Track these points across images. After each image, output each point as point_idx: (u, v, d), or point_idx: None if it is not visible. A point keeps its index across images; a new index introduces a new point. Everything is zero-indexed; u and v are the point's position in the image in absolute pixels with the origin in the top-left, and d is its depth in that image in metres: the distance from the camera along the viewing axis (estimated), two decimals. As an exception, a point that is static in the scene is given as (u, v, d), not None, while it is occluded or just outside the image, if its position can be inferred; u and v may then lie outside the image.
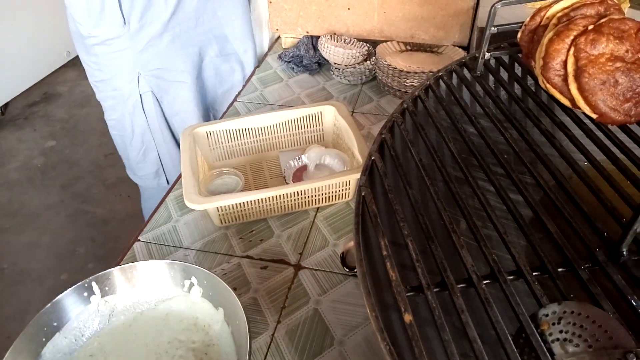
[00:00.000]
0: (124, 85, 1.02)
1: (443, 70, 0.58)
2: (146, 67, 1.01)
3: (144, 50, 0.98)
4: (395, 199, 0.41)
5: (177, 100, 1.08)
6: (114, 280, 0.58)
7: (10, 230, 1.99)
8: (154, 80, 1.03)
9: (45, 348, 0.53)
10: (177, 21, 0.99)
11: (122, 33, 0.95)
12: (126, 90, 1.03)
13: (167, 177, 1.17)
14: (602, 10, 0.46)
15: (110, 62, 1.00)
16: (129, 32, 0.95)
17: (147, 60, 1.00)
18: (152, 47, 0.99)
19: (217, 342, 0.55)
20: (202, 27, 1.05)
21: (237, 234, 0.75)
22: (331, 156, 0.82)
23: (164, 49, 1.00)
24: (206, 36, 1.07)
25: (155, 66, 1.02)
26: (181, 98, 1.08)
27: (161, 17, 0.96)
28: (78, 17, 0.95)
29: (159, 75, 1.03)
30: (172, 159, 1.14)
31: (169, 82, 1.05)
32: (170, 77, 1.05)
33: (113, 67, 1.01)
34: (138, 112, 1.06)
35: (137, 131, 1.09)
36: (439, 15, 1.09)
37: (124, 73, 1.01)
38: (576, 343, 0.30)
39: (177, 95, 1.07)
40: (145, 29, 0.96)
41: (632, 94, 0.43)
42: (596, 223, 0.37)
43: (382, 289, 0.36)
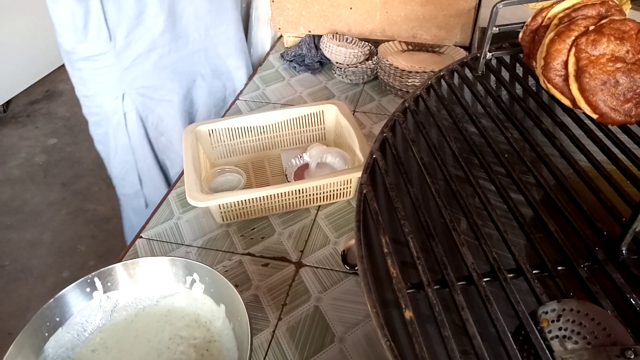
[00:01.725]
0: (107, 102, 0.98)
1: (444, 70, 0.58)
2: (132, 85, 0.97)
3: (130, 67, 0.94)
4: (397, 197, 0.41)
5: (164, 120, 1.04)
6: (117, 276, 0.58)
7: (12, 228, 2.00)
8: (140, 98, 0.99)
9: (48, 343, 0.53)
10: (167, 39, 0.95)
11: (107, 49, 0.91)
12: (110, 108, 0.99)
13: (146, 200, 1.12)
14: (603, 11, 0.46)
15: (94, 79, 0.96)
16: (114, 49, 0.91)
17: (133, 78, 0.96)
18: (139, 64, 0.95)
19: (218, 338, 0.56)
20: (194, 45, 1.01)
21: (238, 231, 0.75)
22: (332, 155, 0.82)
23: (152, 67, 0.97)
24: (198, 55, 1.04)
25: (142, 84, 0.98)
26: (168, 118, 1.04)
27: (150, 34, 0.92)
28: (62, 31, 0.91)
29: (144, 94, 0.99)
30: (152, 182, 1.09)
31: (155, 101, 1.01)
32: (156, 95, 1.01)
33: (97, 84, 0.97)
34: (121, 131, 1.02)
35: (119, 150, 1.05)
36: (440, 15, 1.09)
37: (108, 90, 0.97)
38: (575, 340, 0.30)
39: (163, 115, 1.03)
40: (133, 46, 0.92)
41: (632, 94, 0.43)
42: (596, 222, 0.38)
43: (382, 286, 0.36)
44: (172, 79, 1.01)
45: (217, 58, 1.08)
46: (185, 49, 1.00)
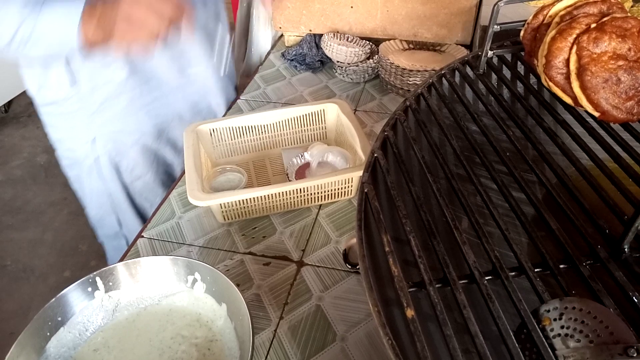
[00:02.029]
0: (78, 146, 0.91)
1: (446, 69, 0.58)
2: (102, 129, 0.89)
3: (98, 112, 0.87)
4: (398, 195, 0.41)
5: (139, 164, 0.97)
6: (118, 276, 0.58)
7: (14, 227, 2.00)
8: (111, 143, 0.92)
9: (50, 342, 0.53)
10: (135, 82, 0.87)
11: (71, 94, 0.84)
12: (80, 152, 0.92)
13: (127, 240, 1.05)
14: (605, 8, 0.46)
15: (61, 123, 0.89)
16: (79, 93, 0.84)
17: (102, 122, 0.89)
18: (108, 108, 0.87)
19: (220, 337, 0.56)
20: (168, 85, 0.93)
21: (240, 230, 0.75)
22: (334, 154, 0.82)
23: (122, 111, 0.89)
24: (174, 95, 0.95)
25: (112, 129, 0.90)
26: (142, 161, 0.96)
27: (115, 78, 0.84)
28: (24, 76, 0.85)
29: (116, 139, 0.92)
30: (132, 224, 1.02)
31: (128, 145, 0.93)
32: (129, 140, 0.93)
33: (65, 128, 0.90)
34: (94, 175, 0.95)
35: (94, 194, 0.98)
36: (441, 13, 1.09)
37: (77, 135, 0.90)
38: (577, 338, 0.30)
39: (138, 159, 0.96)
40: (98, 90, 0.84)
41: (634, 92, 0.43)
42: (598, 220, 0.38)
43: (384, 284, 0.36)
44: (146, 122, 0.93)
45: (196, 94, 0.99)
46: (158, 90, 0.91)
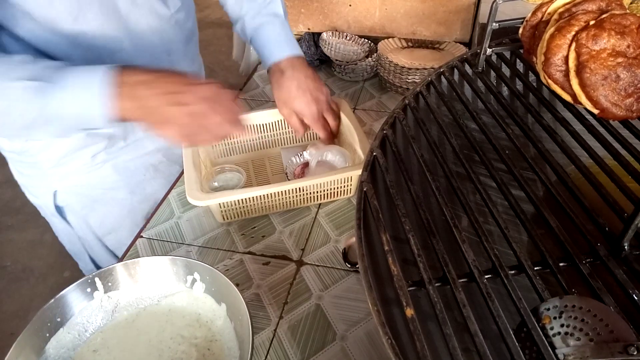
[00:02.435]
0: (39, 195, 0.83)
1: (444, 67, 0.58)
2: (63, 183, 0.80)
3: (57, 166, 0.78)
4: (397, 194, 0.41)
5: (109, 217, 0.86)
6: (117, 276, 0.58)
7: (13, 228, 2.00)
8: (75, 197, 0.82)
9: (49, 343, 0.53)
10: (101, 136, 0.77)
11: (26, 147, 0.75)
12: (43, 201, 0.84)
13: None
14: (604, 5, 0.46)
15: (22, 170, 0.81)
16: (34, 147, 0.75)
17: (62, 176, 0.79)
18: (69, 162, 0.78)
19: (219, 337, 0.55)
20: (136, 135, 0.83)
21: (239, 230, 0.75)
22: (333, 153, 0.82)
23: (85, 165, 0.79)
24: (144, 146, 0.85)
25: (75, 183, 0.81)
26: (114, 217, 0.86)
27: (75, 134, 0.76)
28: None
29: (80, 193, 0.82)
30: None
31: (94, 200, 0.84)
32: (95, 194, 0.83)
33: (26, 176, 0.82)
34: (62, 223, 0.86)
35: (64, 236, 0.89)
36: (440, 11, 1.08)
37: (37, 185, 0.82)
38: (577, 337, 0.30)
39: (108, 213, 0.86)
40: (55, 145, 0.75)
41: (633, 89, 0.43)
42: (598, 218, 0.37)
43: (383, 283, 0.36)
44: (113, 177, 0.83)
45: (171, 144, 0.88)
46: (124, 142, 0.81)
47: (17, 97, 0.54)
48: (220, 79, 0.98)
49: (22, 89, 0.54)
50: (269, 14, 0.84)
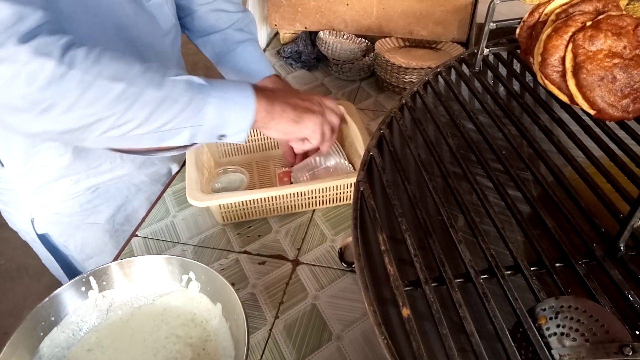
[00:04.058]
0: (17, 222, 0.81)
1: (442, 66, 0.58)
2: (41, 210, 0.78)
3: (35, 194, 0.76)
4: (394, 194, 0.41)
5: (89, 244, 0.85)
6: (112, 275, 0.58)
7: (7, 226, 1.99)
8: (53, 225, 0.81)
9: (43, 342, 0.53)
10: (80, 167, 0.76)
11: (2, 174, 0.73)
12: (21, 227, 0.82)
13: None
14: (600, 6, 0.46)
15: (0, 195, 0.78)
16: (11, 174, 0.73)
17: (41, 204, 0.77)
18: (48, 191, 0.76)
19: (214, 337, 0.55)
20: (119, 162, 0.80)
21: (235, 229, 0.75)
22: (339, 157, 0.81)
23: (65, 193, 0.77)
24: (126, 168, 0.82)
25: (54, 211, 0.79)
26: (95, 241, 0.84)
27: (58, 162, 0.73)
28: None
29: (58, 220, 0.80)
30: None
31: (74, 226, 0.82)
32: (76, 220, 0.81)
33: (3, 202, 0.80)
34: (40, 249, 0.84)
35: (46, 260, 0.87)
36: (437, 11, 1.08)
37: (15, 211, 0.80)
38: (573, 337, 0.30)
39: (88, 239, 0.84)
40: (34, 174, 0.73)
41: (630, 90, 0.43)
42: (594, 218, 0.37)
43: (380, 283, 0.36)
44: (95, 201, 0.81)
45: (156, 164, 0.87)
46: (109, 170, 0.80)
47: (181, 91, 0.53)
48: (218, 76, 0.98)
49: (185, 82, 0.54)
50: (252, 32, 0.85)
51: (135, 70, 0.51)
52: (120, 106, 0.50)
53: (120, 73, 0.50)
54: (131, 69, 0.51)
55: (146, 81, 0.51)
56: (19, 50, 0.44)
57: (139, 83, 0.51)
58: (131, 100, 0.50)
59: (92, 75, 0.47)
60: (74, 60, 0.47)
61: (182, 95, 0.54)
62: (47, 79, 0.45)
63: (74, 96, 0.47)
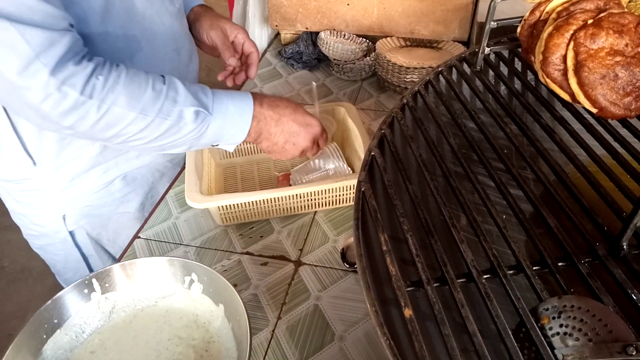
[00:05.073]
0: (46, 223, 0.82)
1: (443, 66, 0.58)
2: (72, 205, 0.80)
3: (67, 188, 0.77)
4: (395, 194, 0.41)
5: (122, 234, 0.87)
6: (114, 277, 0.58)
7: (11, 229, 1.99)
8: (85, 218, 0.82)
9: (46, 345, 0.53)
10: (111, 154, 0.78)
11: (32, 174, 0.74)
12: (51, 228, 0.82)
13: None
14: (602, 4, 0.46)
15: (25, 200, 0.79)
16: (42, 173, 0.74)
17: (73, 199, 0.79)
18: (79, 184, 0.78)
19: (217, 338, 0.55)
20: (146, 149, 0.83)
21: (237, 230, 0.75)
22: (338, 161, 0.81)
23: (95, 185, 0.79)
24: (154, 159, 0.86)
25: (85, 204, 0.80)
26: (127, 230, 0.86)
27: (88, 152, 0.75)
28: None
29: (90, 213, 0.82)
30: None
31: (106, 217, 0.84)
32: (107, 211, 0.84)
33: (30, 205, 0.80)
34: (69, 246, 0.85)
35: (69, 262, 0.88)
36: (438, 10, 1.08)
37: (44, 212, 0.80)
38: (576, 337, 0.30)
39: (119, 229, 0.87)
40: (65, 168, 0.75)
41: (632, 87, 0.43)
42: (596, 217, 0.37)
43: (382, 284, 0.36)
44: (124, 190, 0.84)
45: None
46: (136, 158, 0.83)
47: (189, 120, 0.60)
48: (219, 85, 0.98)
49: (194, 112, 0.60)
50: None
51: (147, 97, 0.57)
52: (132, 128, 0.57)
53: (133, 102, 0.56)
54: (143, 96, 0.57)
55: (156, 110, 0.58)
56: (50, 81, 0.50)
57: (150, 112, 0.57)
58: (142, 126, 0.58)
59: (108, 104, 0.55)
60: (94, 91, 0.53)
61: (187, 124, 0.60)
62: (69, 106, 0.53)
63: (92, 120, 0.55)
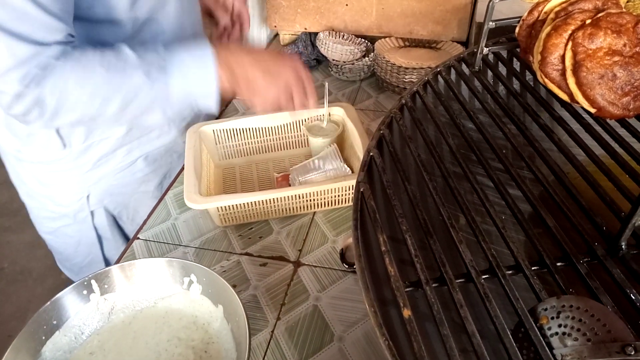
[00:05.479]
0: (69, 203, 0.84)
1: (441, 66, 0.58)
2: (97, 185, 0.83)
3: (93, 169, 0.80)
4: (394, 194, 0.41)
5: (140, 212, 0.90)
6: (113, 278, 0.58)
7: (11, 230, 1.99)
8: (109, 197, 0.86)
9: (45, 346, 0.53)
10: (136, 134, 0.82)
11: (62, 156, 0.77)
12: (72, 209, 0.84)
13: None
14: (600, 4, 0.46)
15: (49, 180, 0.81)
16: (70, 154, 0.77)
17: (98, 178, 0.82)
18: (104, 164, 0.81)
19: (216, 339, 0.55)
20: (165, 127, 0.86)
21: (236, 231, 0.75)
22: (337, 161, 0.81)
23: (119, 164, 0.83)
24: (169, 134, 0.88)
25: (109, 183, 0.84)
26: (145, 208, 0.87)
27: (115, 133, 0.79)
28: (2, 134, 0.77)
29: (113, 192, 0.86)
30: None
31: (127, 195, 0.88)
32: (128, 190, 0.87)
33: (54, 186, 0.82)
34: (87, 226, 0.87)
35: (83, 244, 0.90)
36: (437, 10, 1.08)
37: (68, 192, 0.83)
38: (575, 337, 0.30)
39: (139, 207, 0.90)
40: (93, 149, 0.78)
41: (630, 87, 0.43)
42: (595, 217, 0.37)
43: (381, 284, 0.36)
44: (145, 169, 0.87)
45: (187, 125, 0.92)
46: (157, 138, 0.86)
47: (141, 83, 0.60)
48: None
49: (144, 74, 0.60)
50: None
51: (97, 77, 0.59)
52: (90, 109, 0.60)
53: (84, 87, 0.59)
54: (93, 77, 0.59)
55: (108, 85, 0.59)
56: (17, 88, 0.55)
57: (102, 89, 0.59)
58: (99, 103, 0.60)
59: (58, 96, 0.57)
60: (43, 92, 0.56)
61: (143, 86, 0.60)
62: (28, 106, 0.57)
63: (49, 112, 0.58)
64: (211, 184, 0.82)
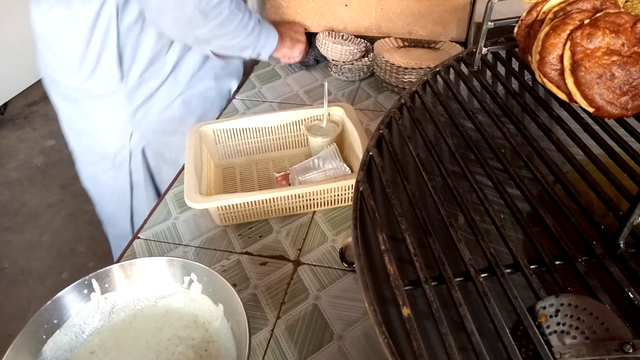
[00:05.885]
0: (113, 141, 0.92)
1: (440, 66, 0.58)
2: (142, 122, 0.92)
3: (141, 105, 0.90)
4: (393, 194, 0.41)
5: (181, 154, 0.93)
6: (114, 277, 0.58)
7: (11, 230, 2.00)
8: (152, 135, 0.95)
9: (46, 345, 0.53)
10: (176, 75, 0.93)
11: (118, 89, 0.86)
12: (114, 147, 0.93)
13: None
14: (598, 4, 0.46)
15: (99, 117, 0.90)
16: (125, 88, 0.86)
17: (143, 115, 0.91)
18: (150, 101, 0.91)
19: (217, 338, 0.55)
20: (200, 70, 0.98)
21: (236, 230, 0.75)
22: (336, 161, 0.81)
23: (162, 102, 0.93)
24: (204, 84, 1.00)
25: (153, 119, 0.93)
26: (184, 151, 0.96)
27: (162, 71, 0.89)
28: (63, 66, 0.85)
29: (156, 129, 0.95)
30: None
31: (168, 134, 0.97)
32: (170, 128, 0.97)
33: (103, 122, 0.90)
34: (124, 169, 0.96)
35: (117, 189, 0.99)
36: (436, 10, 1.08)
37: (115, 129, 0.91)
38: (573, 335, 0.30)
39: (179, 149, 0.95)
40: (145, 85, 0.88)
41: (628, 87, 0.43)
42: (593, 216, 0.37)
43: (380, 283, 0.36)
44: (182, 110, 0.97)
45: (224, 81, 1.07)
46: (190, 79, 0.97)
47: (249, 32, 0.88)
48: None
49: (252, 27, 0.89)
50: None
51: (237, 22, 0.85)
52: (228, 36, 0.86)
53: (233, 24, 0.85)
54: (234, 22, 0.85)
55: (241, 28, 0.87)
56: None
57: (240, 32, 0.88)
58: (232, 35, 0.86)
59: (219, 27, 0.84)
60: None
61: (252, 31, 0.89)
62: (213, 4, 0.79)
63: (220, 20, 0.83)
64: (211, 184, 0.82)
